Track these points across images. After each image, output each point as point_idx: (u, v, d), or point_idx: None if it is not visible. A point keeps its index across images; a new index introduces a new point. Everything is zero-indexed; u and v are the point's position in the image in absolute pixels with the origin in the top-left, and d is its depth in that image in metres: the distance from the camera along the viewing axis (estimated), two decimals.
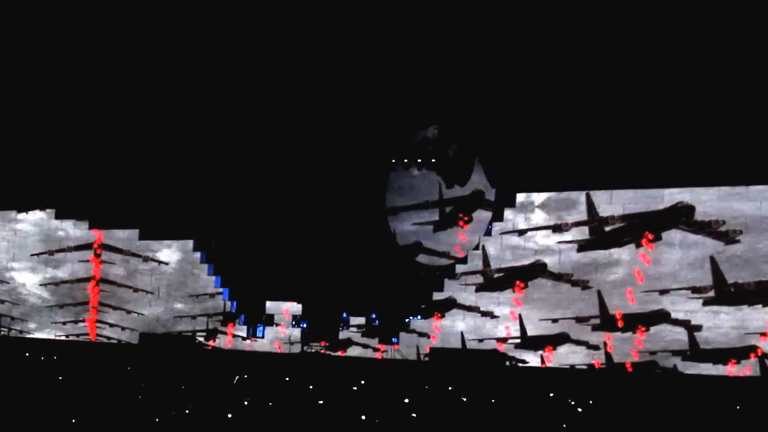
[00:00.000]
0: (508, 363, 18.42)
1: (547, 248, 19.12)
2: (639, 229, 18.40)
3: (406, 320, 19.83)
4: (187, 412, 9.66)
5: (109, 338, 22.29)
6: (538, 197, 19.47)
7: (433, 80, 19.21)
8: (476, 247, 19.84)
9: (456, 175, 20.53)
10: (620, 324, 18.18)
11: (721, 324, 17.60)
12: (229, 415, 9.37)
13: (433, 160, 20.55)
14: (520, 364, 18.72)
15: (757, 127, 16.89)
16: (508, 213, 19.67)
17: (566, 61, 18.08)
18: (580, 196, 19.02)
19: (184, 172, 21.25)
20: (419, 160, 20.60)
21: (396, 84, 19.44)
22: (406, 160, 20.64)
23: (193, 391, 11.90)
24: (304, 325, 20.09)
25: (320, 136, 20.31)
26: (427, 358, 19.05)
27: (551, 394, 12.47)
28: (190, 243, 21.83)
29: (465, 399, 11.97)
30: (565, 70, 18.18)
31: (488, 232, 19.81)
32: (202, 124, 20.86)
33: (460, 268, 19.88)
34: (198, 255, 21.75)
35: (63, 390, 11.08)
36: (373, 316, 19.98)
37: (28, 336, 22.91)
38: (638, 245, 18.36)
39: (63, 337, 22.62)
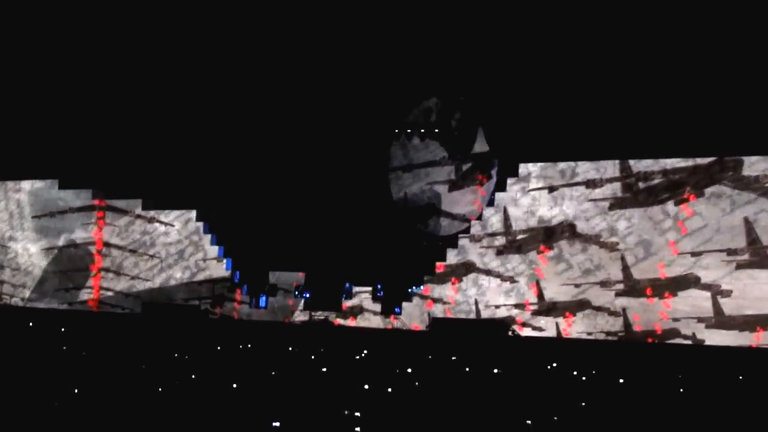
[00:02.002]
0: (510, 333, 18.43)
1: (548, 219, 19.00)
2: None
3: (409, 290, 19.84)
4: (190, 382, 9.68)
5: (113, 306, 22.33)
6: (534, 168, 19.26)
7: (435, 48, 19.06)
8: (479, 217, 19.78)
9: (459, 145, 20.45)
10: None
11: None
12: (234, 385, 9.39)
13: (435, 130, 20.45)
14: (524, 333, 18.53)
15: None
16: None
17: (567, 35, 17.84)
18: (579, 166, 18.75)
19: (186, 142, 21.20)
20: (422, 130, 20.50)
21: (398, 53, 19.31)
22: (408, 130, 20.54)
23: (197, 361, 11.94)
24: (307, 295, 20.14)
25: (322, 104, 20.22)
26: (428, 328, 19.09)
27: (554, 365, 12.52)
28: (192, 213, 21.87)
29: (468, 369, 12.01)
30: (566, 43, 17.97)
31: (491, 202, 19.74)
32: (203, 94, 20.77)
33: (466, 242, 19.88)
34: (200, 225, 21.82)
35: (65, 360, 11.13)
36: (379, 286, 19.99)
37: (29, 305, 23.00)
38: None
39: (65, 307, 22.68)
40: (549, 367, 12.60)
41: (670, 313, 17.34)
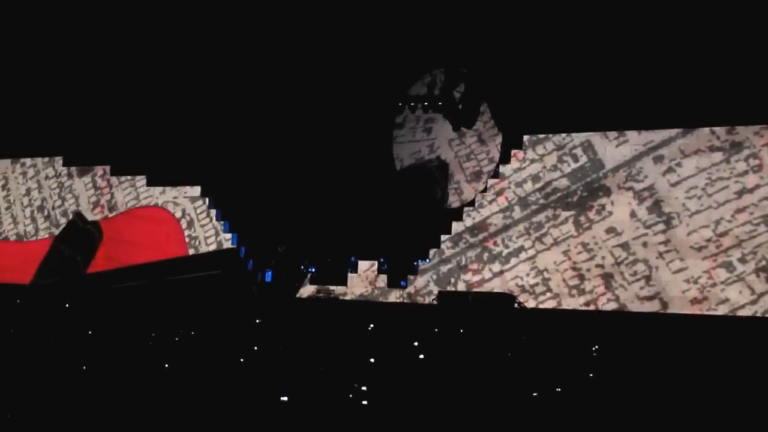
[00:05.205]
0: (516, 306, 18.39)
1: (553, 190, 18.81)
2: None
3: (415, 263, 19.84)
4: (197, 356, 9.73)
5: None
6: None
7: (440, 21, 18.96)
8: (484, 190, 19.72)
9: (463, 117, 20.38)
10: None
11: None
12: (242, 360, 9.44)
13: (439, 103, 20.36)
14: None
15: None
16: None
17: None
18: (585, 138, 18.44)
19: (190, 117, 21.17)
20: (425, 103, 20.41)
21: (401, 25, 19.20)
22: (412, 103, 20.46)
23: (203, 336, 11.98)
24: (313, 270, 20.16)
25: (325, 78, 20.15)
26: (435, 302, 19.09)
27: (560, 337, 12.53)
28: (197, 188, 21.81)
29: (473, 343, 12.05)
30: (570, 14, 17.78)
31: (496, 174, 19.68)
32: (205, 67, 20.71)
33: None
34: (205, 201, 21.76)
35: (73, 336, 11.16)
36: (382, 260, 19.99)
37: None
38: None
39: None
40: (555, 339, 12.61)
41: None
